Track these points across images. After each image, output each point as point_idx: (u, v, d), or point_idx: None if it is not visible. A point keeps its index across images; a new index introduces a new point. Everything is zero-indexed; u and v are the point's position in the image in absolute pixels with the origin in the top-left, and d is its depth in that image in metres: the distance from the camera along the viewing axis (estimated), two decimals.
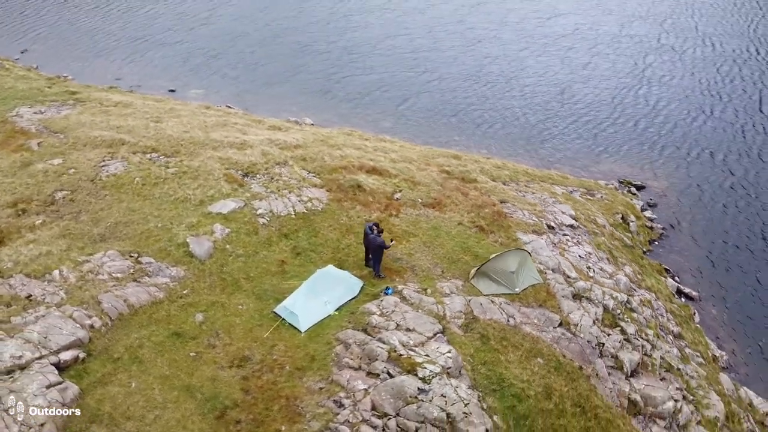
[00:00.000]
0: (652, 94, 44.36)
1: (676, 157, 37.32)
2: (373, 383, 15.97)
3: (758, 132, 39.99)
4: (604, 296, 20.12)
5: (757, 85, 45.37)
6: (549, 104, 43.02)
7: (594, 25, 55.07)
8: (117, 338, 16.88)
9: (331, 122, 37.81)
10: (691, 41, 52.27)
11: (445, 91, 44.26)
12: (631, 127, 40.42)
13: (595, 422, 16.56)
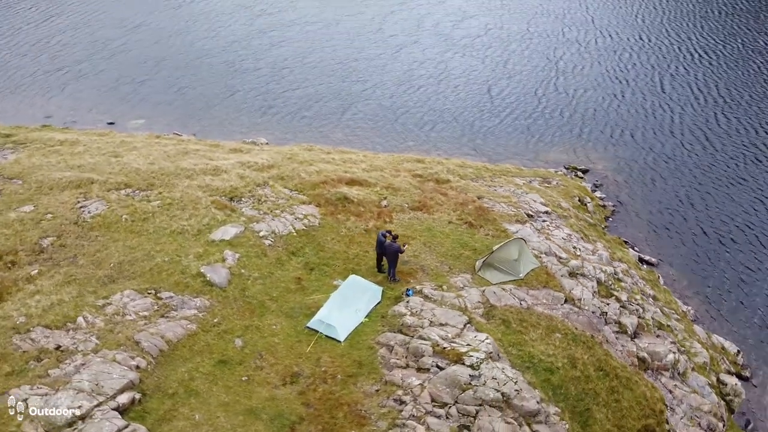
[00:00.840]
0: (569, 85, 48.24)
1: (602, 140, 41.08)
2: (426, 377, 17.16)
3: (664, 110, 44.67)
4: (595, 271, 22.49)
5: (654, 69, 50.49)
6: (481, 102, 45.70)
7: (504, 25, 58.76)
8: (166, 374, 16.94)
9: (285, 139, 38.26)
10: (591, 33, 57.14)
11: (383, 98, 45.82)
12: (557, 117, 43.85)
13: (618, 382, 18.68)
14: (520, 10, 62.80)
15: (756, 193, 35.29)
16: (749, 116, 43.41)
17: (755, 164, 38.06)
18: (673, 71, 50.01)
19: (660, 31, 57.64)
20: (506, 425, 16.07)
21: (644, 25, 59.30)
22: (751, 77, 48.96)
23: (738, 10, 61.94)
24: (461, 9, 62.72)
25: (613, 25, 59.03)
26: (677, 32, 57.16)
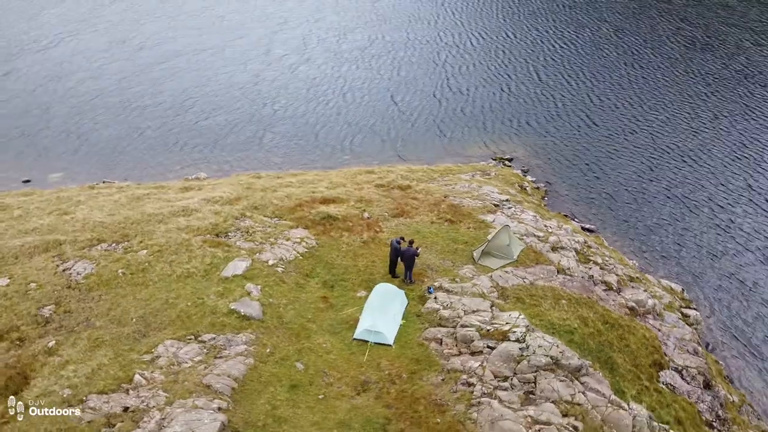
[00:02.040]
0: (461, 84, 52.35)
1: (507, 130, 45.54)
2: (483, 358, 19.23)
3: (547, 97, 50.24)
4: (570, 243, 25.90)
5: (528, 62, 56.45)
6: (389, 111, 48.12)
7: (384, 35, 62.20)
8: (248, 409, 17.38)
9: (223, 171, 38.07)
10: (465, 35, 62.40)
11: (295, 117, 46.75)
12: (461, 115, 47.61)
13: (622, 330, 22.06)
14: (395, 20, 66.74)
15: (644, 153, 41.57)
16: (616, 93, 50.38)
17: (634, 133, 44.55)
18: (542, 62, 56.30)
19: (520, 27, 64.38)
20: (561, 383, 18.61)
21: (506, 23, 65.83)
22: (607, 60, 56.62)
23: (578, 3, 70.87)
24: (340, 24, 65.29)
25: (480, 27, 64.84)
26: (535, 27, 64.23)
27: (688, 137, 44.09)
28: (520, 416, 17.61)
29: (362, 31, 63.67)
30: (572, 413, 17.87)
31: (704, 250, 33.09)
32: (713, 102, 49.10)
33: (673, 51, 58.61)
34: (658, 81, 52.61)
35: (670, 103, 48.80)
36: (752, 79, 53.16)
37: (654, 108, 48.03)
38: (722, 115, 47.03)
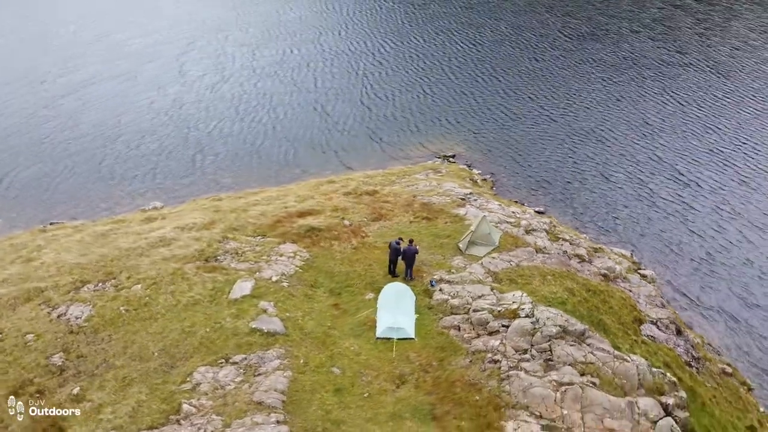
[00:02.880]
0: (384, 90, 54.22)
1: (440, 129, 48.06)
2: (501, 337, 21.06)
3: (467, 95, 53.34)
4: (539, 225, 28.47)
5: (440, 64, 59.46)
6: (318, 121, 49.06)
7: (294, 49, 62.89)
8: (304, 417, 18.06)
9: (177, 198, 37.33)
10: (370, 44, 64.48)
11: (230, 136, 46.60)
12: (392, 120, 49.56)
13: (603, 295, 24.80)
14: (303, 33, 67.78)
15: (565, 138, 45.63)
16: (526, 85, 54.54)
17: (552, 121, 48.65)
18: (454, 63, 59.65)
19: (425, 31, 67.55)
20: (572, 347, 20.84)
21: (411, 28, 68.77)
22: (511, 56, 60.93)
23: (472, 4, 75.36)
24: (248, 40, 65.72)
25: (388, 34, 67.31)
26: (440, 31, 67.70)
27: (599, 120, 48.84)
28: (546, 381, 19.61)
29: (274, 46, 64.02)
30: (588, 372, 20.12)
31: (635, 219, 37.18)
32: (612, 86, 54.56)
33: (567, 43, 64.14)
34: (561, 71, 57.52)
35: (576, 91, 53.62)
36: (638, 62, 59.52)
37: (564, 96, 52.59)
38: (623, 98, 52.42)
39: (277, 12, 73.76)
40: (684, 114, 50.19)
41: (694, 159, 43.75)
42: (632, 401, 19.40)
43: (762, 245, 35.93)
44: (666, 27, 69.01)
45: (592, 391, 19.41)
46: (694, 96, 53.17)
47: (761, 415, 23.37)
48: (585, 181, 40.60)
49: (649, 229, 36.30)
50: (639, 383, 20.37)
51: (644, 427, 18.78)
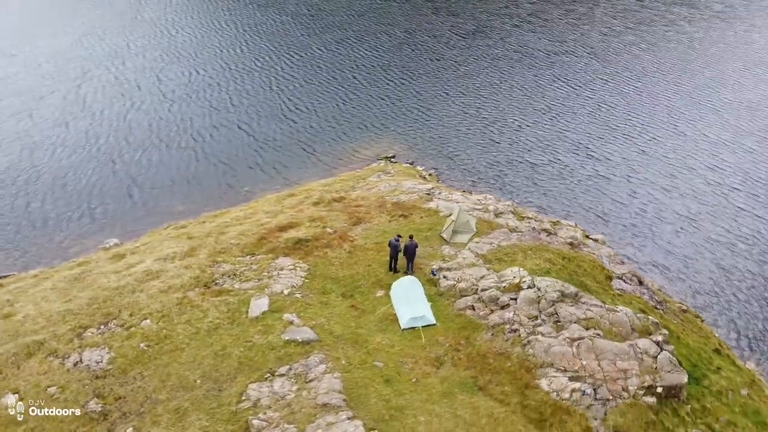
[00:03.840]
0: (302, 102, 55.25)
1: (369, 133, 49.97)
2: (512, 309, 23.47)
3: (383, 99, 55.85)
4: (504, 208, 31.33)
5: (350, 72, 61.48)
6: (245, 138, 49.15)
7: (199, 71, 62.05)
8: (368, 410, 19.25)
9: (129, 233, 36.10)
10: (279, 59, 65.14)
11: (160, 165, 45.41)
12: (325, 127, 50.83)
13: (576, 260, 28.04)
14: (203, 54, 66.47)
15: (486, 128, 49.41)
16: (441, 83, 58.00)
17: (470, 115, 52.35)
18: (361, 70, 61.81)
19: (325, 42, 69.07)
20: (572, 307, 23.74)
21: (310, 40, 70.05)
22: (412, 58, 64.25)
23: (365, 12, 78.06)
24: (147, 65, 63.52)
25: (288, 47, 68.15)
26: (338, 40, 69.47)
27: (508, 109, 53.28)
28: (561, 340, 22.31)
29: (177, 68, 62.55)
30: (590, 326, 23.09)
31: (564, 195, 41.48)
32: (510, 78, 59.52)
33: (460, 41, 68.69)
34: (461, 67, 61.69)
35: (480, 85, 57.96)
36: (527, 54, 65.23)
37: (471, 91, 56.66)
38: (523, 87, 57.42)
39: (168, 34, 71.76)
40: (578, 96, 56.08)
41: (598, 136, 49.26)
42: (632, 343, 22.59)
43: (669, 203, 41.58)
44: (542, 20, 75.92)
45: (600, 341, 22.36)
46: (582, 79, 59.47)
47: (718, 339, 27.77)
48: (513, 165, 44.47)
49: (577, 202, 40.70)
50: (631, 328, 23.68)
51: (648, 362, 22.00)
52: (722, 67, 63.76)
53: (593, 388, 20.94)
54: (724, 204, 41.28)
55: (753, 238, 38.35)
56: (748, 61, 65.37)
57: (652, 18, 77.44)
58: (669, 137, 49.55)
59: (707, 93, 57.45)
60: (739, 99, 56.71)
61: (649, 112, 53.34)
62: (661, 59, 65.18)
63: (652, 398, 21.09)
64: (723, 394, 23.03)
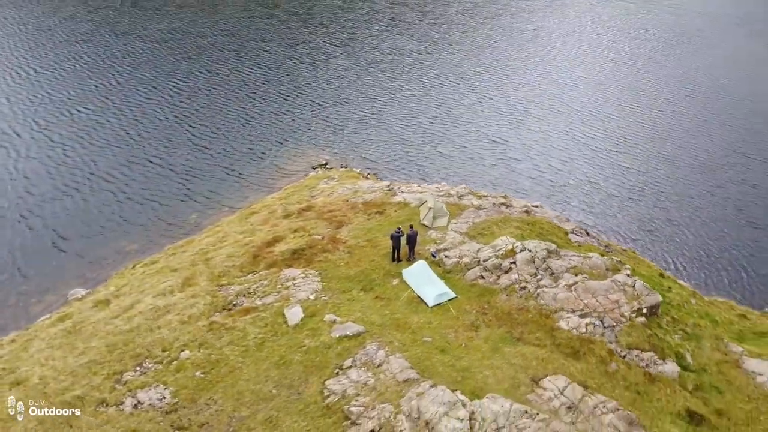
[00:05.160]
0: (206, 129, 54.86)
1: (285, 150, 51.23)
2: (515, 271, 27.14)
3: (287, 114, 57.32)
4: (462, 191, 35.00)
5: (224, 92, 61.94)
6: (161, 172, 47.98)
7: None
8: (441, 376, 21.75)
9: (90, 281, 34.26)
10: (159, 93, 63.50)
11: (75, 213, 42.94)
12: (238, 149, 51.07)
13: (539, 224, 32.48)
14: (78, 97, 62.66)
15: (388, 120, 53.05)
16: (321, 93, 60.62)
17: (373, 115, 55.65)
18: (226, 92, 62.51)
19: (194, 68, 68.42)
20: (558, 261, 27.97)
21: (176, 66, 68.93)
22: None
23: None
24: None
25: (156, 79, 66.40)
26: (197, 66, 69.24)
27: (404, 106, 57.42)
28: (561, 288, 26.43)
29: (51, 110, 57.46)
30: (577, 272, 27.49)
31: (481, 176, 46.37)
32: (391, 80, 63.80)
33: (340, 50, 71.74)
34: (348, 75, 64.85)
35: (371, 87, 61.49)
36: (403, 54, 70.06)
37: (365, 93, 59.98)
38: (409, 84, 61.97)
39: (27, 75, 66.01)
40: (459, 87, 61.83)
41: (495, 123, 55.12)
42: (613, 279, 27.32)
43: (568, 169, 48.22)
44: (405, 23, 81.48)
45: (590, 283, 26.81)
46: (459, 73, 65.51)
47: (659, 268, 33.83)
48: (430, 157, 48.58)
49: (499, 180, 45.77)
50: (606, 268, 28.48)
51: (630, 291, 26.81)
52: (568, 49, 73.66)
53: (600, 320, 25.23)
54: (613, 164, 48.77)
55: (642, 190, 46.00)
56: (586, 43, 76.13)
57: (498, 12, 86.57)
58: (550, 115, 56.85)
59: (566, 72, 66.33)
60: (592, 75, 66.28)
61: (525, 96, 60.51)
62: (519, 47, 73.63)
63: (642, 318, 25.86)
64: (681, 306, 28.61)
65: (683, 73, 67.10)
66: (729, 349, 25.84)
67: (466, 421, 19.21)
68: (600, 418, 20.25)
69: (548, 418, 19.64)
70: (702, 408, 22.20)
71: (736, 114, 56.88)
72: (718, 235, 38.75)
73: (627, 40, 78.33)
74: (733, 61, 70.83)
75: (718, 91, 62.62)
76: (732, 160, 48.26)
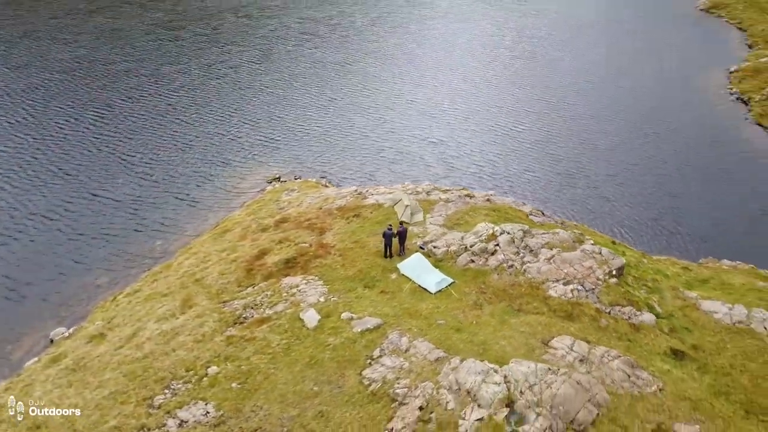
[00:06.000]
0: (140, 155, 53.82)
1: (230, 170, 51.35)
2: (501, 252, 29.87)
3: (238, 136, 57.33)
4: (427, 188, 37.40)
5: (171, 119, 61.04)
6: (116, 205, 46.88)
7: None
8: (463, 351, 23.93)
9: (71, 318, 33.16)
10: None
11: (26, 261, 41.15)
12: (180, 174, 50.57)
13: (501, 210, 35.56)
14: None
15: (330, 128, 54.75)
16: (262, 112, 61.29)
17: (308, 126, 57.00)
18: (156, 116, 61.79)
19: (134, 92, 66.59)
20: (532, 239, 31.07)
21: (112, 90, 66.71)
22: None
23: None
24: None
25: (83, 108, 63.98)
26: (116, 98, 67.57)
27: (333, 112, 59.28)
28: (542, 261, 29.50)
29: None
30: (553, 246, 30.69)
31: (430, 168, 49.18)
32: (324, 85, 65.52)
33: (260, 66, 72.20)
34: (276, 91, 65.66)
35: (302, 98, 62.80)
36: (319, 67, 71.84)
37: (294, 104, 61.16)
38: (337, 91, 63.93)
39: None
40: (391, 94, 64.58)
41: (419, 125, 58.12)
42: (582, 249, 30.80)
43: (504, 162, 52.04)
44: (317, 37, 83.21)
45: (564, 254, 30.12)
46: (382, 81, 68.26)
47: (610, 237, 37.95)
48: (372, 160, 50.62)
49: (445, 180, 48.71)
50: (573, 241, 31.95)
51: (598, 258, 30.34)
52: (476, 50, 78.77)
53: (581, 285, 28.48)
54: (544, 154, 53.11)
55: (574, 174, 50.57)
56: (489, 45, 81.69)
57: (403, 21, 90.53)
58: (477, 113, 60.75)
59: (480, 71, 70.94)
60: (503, 73, 71.42)
61: (447, 97, 64.24)
62: (431, 51, 77.73)
63: (614, 279, 29.41)
64: (637, 266, 32.61)
65: (581, 66, 73.93)
66: (685, 296, 29.96)
67: (502, 384, 21.46)
68: (608, 365, 23.26)
69: (568, 371, 22.32)
70: (681, 345, 25.89)
71: (635, 100, 63.74)
72: (645, 205, 43.76)
73: (527, 39, 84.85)
74: (620, 54, 78.89)
75: (615, 80, 69.69)
76: (642, 140, 54.29)
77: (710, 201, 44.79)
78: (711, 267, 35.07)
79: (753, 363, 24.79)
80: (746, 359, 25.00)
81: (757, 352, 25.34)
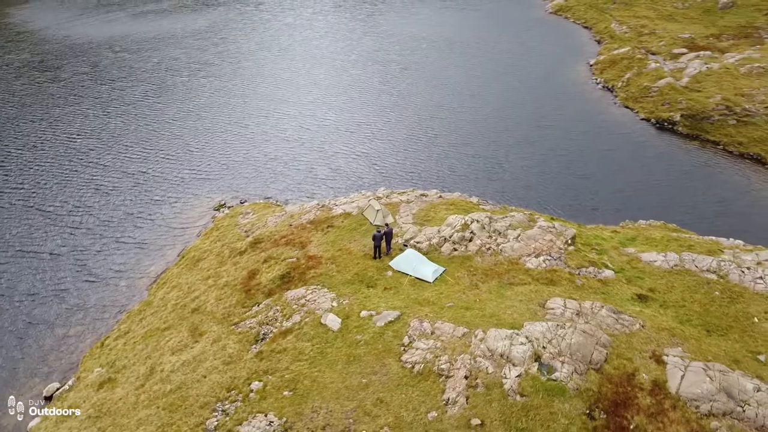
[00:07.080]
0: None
1: (174, 207, 50.68)
2: (478, 239, 33.55)
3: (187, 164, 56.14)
4: (389, 193, 40.26)
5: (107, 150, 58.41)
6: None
7: None
8: (480, 324, 27.19)
9: (67, 369, 31.69)
10: None
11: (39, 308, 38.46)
12: (115, 218, 49.10)
13: (456, 203, 39.38)
14: None
15: (270, 146, 55.82)
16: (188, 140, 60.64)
17: (249, 144, 57.52)
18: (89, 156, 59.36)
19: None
20: (498, 223, 35.17)
21: None
22: None
23: None
24: None
25: None
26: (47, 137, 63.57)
27: (254, 133, 60.34)
28: (512, 242, 33.64)
29: None
30: (515, 227, 34.96)
31: (357, 181, 52.06)
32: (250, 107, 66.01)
33: (170, 97, 70.79)
34: (192, 122, 65.08)
35: (224, 124, 62.93)
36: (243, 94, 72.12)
37: (215, 132, 61.27)
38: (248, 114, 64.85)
39: None
40: (298, 113, 66.54)
41: (334, 139, 60.87)
42: (539, 226, 35.37)
43: (411, 157, 56.21)
44: (206, 65, 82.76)
45: (527, 232, 34.50)
46: (285, 101, 70.03)
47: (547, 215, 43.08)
48: (314, 179, 52.60)
49: (377, 185, 51.86)
50: (528, 221, 36.49)
51: (554, 231, 35.05)
52: (343, 53, 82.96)
53: (549, 255, 32.93)
54: (450, 149, 57.90)
55: (486, 167, 55.86)
56: (358, 46, 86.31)
57: (287, 41, 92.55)
58: (383, 121, 64.50)
59: (353, 72, 75.06)
60: (374, 74, 76.14)
61: (341, 106, 67.57)
62: (306, 60, 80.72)
63: (572, 246, 34.24)
64: (579, 235, 37.86)
65: (461, 78, 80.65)
66: (626, 252, 35.54)
67: (527, 343, 24.94)
68: (599, 314, 27.63)
69: (572, 324, 26.34)
70: (641, 291, 31.06)
71: (522, 99, 71.14)
72: (563, 189, 49.91)
73: (385, 37, 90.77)
74: (493, 62, 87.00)
75: (498, 83, 77.04)
76: (541, 132, 61.17)
77: (611, 176, 52.08)
78: (632, 228, 41.40)
79: (698, 294, 30.48)
80: (692, 292, 30.64)
81: (698, 285, 31.11)
